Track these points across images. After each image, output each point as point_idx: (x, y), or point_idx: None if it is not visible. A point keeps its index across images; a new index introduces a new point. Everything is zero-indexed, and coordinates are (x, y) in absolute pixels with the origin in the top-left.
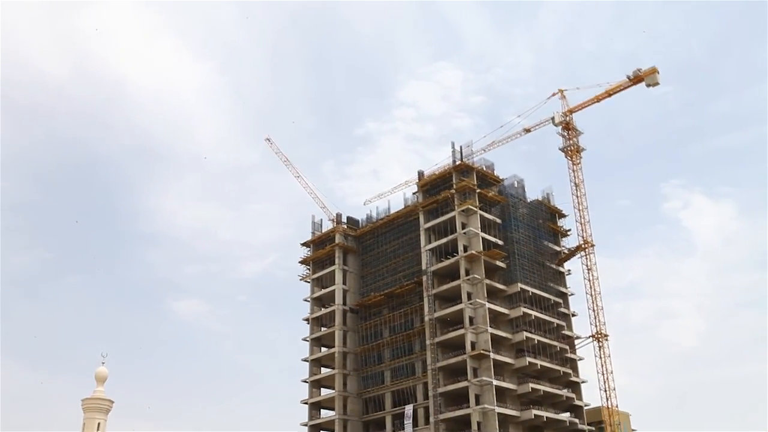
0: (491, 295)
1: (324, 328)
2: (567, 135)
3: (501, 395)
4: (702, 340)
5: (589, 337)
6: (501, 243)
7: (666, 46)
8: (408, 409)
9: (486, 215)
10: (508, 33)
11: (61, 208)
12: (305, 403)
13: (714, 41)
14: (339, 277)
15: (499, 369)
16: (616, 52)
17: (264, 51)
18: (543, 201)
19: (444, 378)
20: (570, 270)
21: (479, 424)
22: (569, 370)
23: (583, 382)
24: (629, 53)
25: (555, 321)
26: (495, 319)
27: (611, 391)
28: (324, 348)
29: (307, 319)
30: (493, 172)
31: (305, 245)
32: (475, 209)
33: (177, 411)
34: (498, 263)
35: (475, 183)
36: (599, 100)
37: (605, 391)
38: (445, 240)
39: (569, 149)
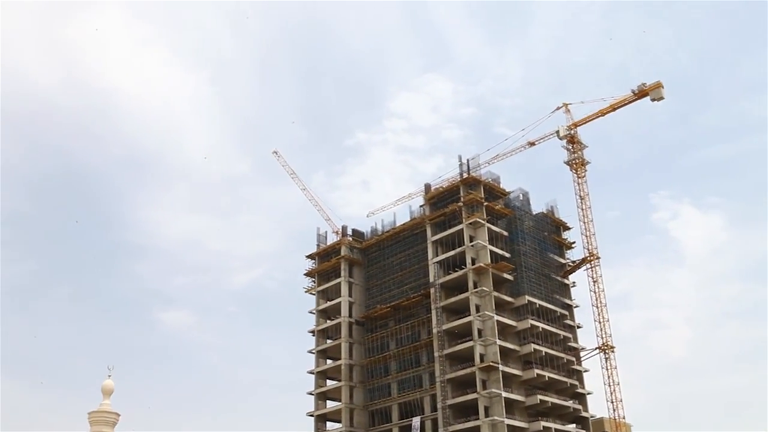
0: (499, 308)
1: (329, 340)
2: (572, 148)
3: (509, 407)
4: (691, 350)
5: (596, 349)
6: (508, 256)
7: (655, 58)
8: (416, 422)
9: (493, 228)
10: (498, 45)
11: (50, 218)
12: (311, 416)
13: (702, 54)
14: (345, 290)
15: (507, 381)
16: (605, 64)
17: (255, 62)
18: (548, 214)
19: (452, 390)
20: (575, 282)
21: None
22: (576, 381)
23: (589, 393)
24: (619, 65)
25: (561, 333)
26: (503, 331)
27: (618, 402)
28: (329, 360)
29: (313, 331)
30: (499, 185)
31: (310, 257)
32: (483, 222)
33: (170, 424)
34: (505, 276)
35: (483, 196)
36: (603, 114)
37: (612, 402)
38: (453, 253)
39: (574, 162)
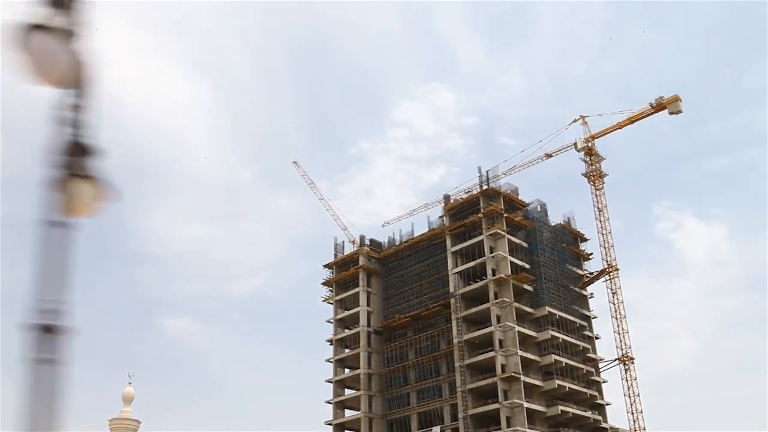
0: (519, 318)
1: (347, 349)
2: (589, 161)
3: (530, 417)
4: (694, 361)
5: (616, 360)
6: (528, 267)
7: (655, 69)
8: (435, 431)
9: (513, 239)
10: (501, 56)
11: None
12: (329, 425)
13: (703, 65)
14: (363, 299)
15: (528, 391)
16: (605, 75)
17: (257, 70)
18: (565, 225)
19: (473, 400)
20: (593, 293)
21: None
22: (595, 392)
23: (608, 404)
24: (619, 76)
25: (581, 344)
26: (523, 342)
27: (638, 414)
28: (347, 369)
29: (330, 341)
30: (518, 196)
31: (327, 267)
32: (503, 233)
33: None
34: (525, 287)
35: (502, 207)
36: (621, 126)
37: (632, 414)
38: (473, 263)
39: (592, 174)
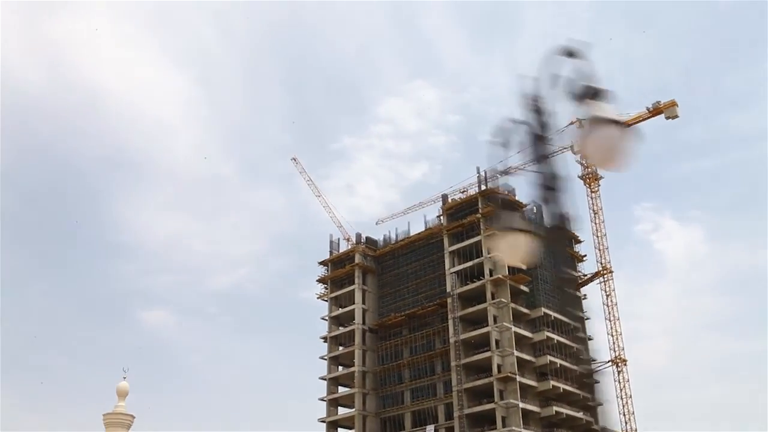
0: (515, 319)
1: (341, 347)
2: (585, 163)
3: (525, 417)
4: (670, 362)
5: (609, 362)
6: (524, 267)
7: (639, 71)
8: (429, 429)
9: None
10: (485, 54)
11: (31, 215)
12: (323, 422)
13: (686, 69)
14: (359, 297)
15: (523, 392)
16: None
17: (242, 64)
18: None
19: (468, 399)
20: (586, 295)
21: None
22: (588, 393)
23: (599, 405)
24: (605, 76)
25: (574, 345)
26: (519, 343)
27: (630, 415)
28: (341, 367)
29: (325, 338)
30: (515, 197)
31: (323, 264)
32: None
33: (167, 425)
34: (522, 287)
35: (501, 209)
36: None
37: (624, 415)
38: (471, 263)
39: (587, 177)
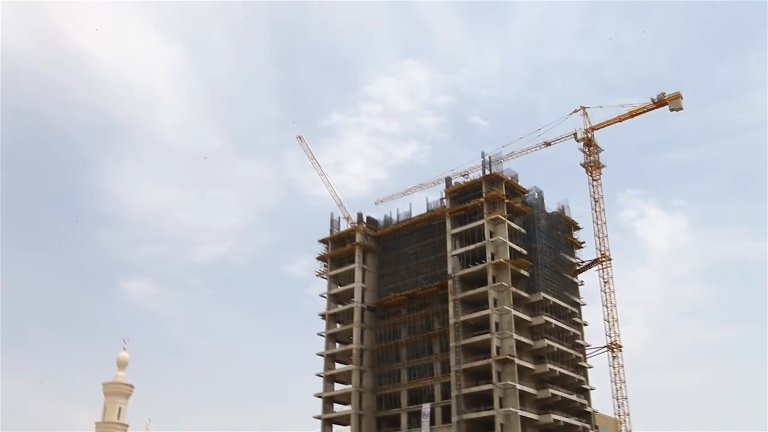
0: (515, 303)
1: (339, 324)
2: (588, 151)
3: (521, 399)
4: (646, 348)
5: (605, 347)
6: (525, 252)
7: (630, 58)
8: (425, 408)
9: (513, 225)
10: (478, 36)
11: (16, 183)
12: (319, 397)
13: (677, 58)
14: (358, 276)
15: (520, 374)
16: (580, 62)
17: (233, 37)
18: (560, 213)
19: (465, 380)
20: (583, 281)
21: (502, 425)
22: (582, 377)
23: (592, 389)
24: (594, 63)
25: (571, 330)
26: (517, 326)
27: (623, 399)
28: (338, 344)
29: (323, 315)
30: (518, 182)
31: (323, 242)
32: (504, 219)
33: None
34: (522, 272)
35: (504, 193)
36: (622, 120)
37: (617, 399)
38: (473, 247)
39: (590, 165)
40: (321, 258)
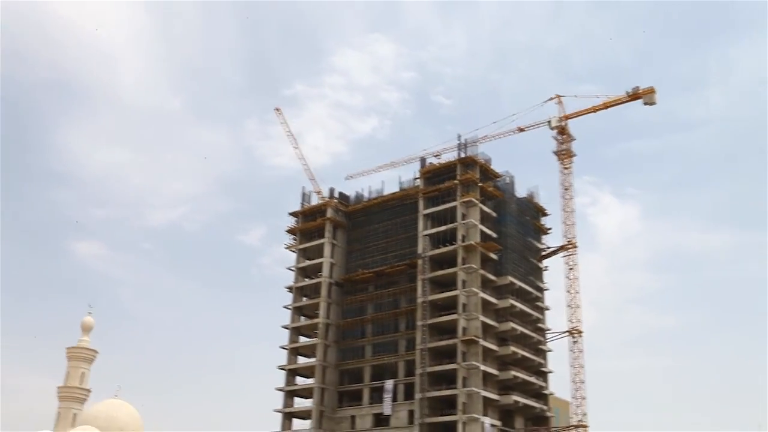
0: (482, 285)
1: (305, 298)
2: (561, 139)
3: (484, 379)
4: (590, 332)
5: (566, 332)
6: (495, 236)
7: (594, 46)
8: (388, 384)
9: (484, 208)
10: (446, 14)
11: None
12: (283, 369)
13: (640, 49)
14: (328, 251)
15: (484, 355)
16: (546, 46)
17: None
18: (529, 199)
19: (430, 359)
20: (547, 266)
21: (464, 404)
22: (542, 360)
23: (551, 372)
24: (559, 48)
25: (534, 314)
26: (484, 307)
27: (580, 383)
28: (303, 317)
29: (290, 288)
30: (491, 167)
31: (293, 215)
32: (477, 202)
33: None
34: (491, 255)
35: (478, 177)
36: (596, 110)
37: (575, 383)
38: (444, 228)
39: (561, 153)
40: (290, 231)
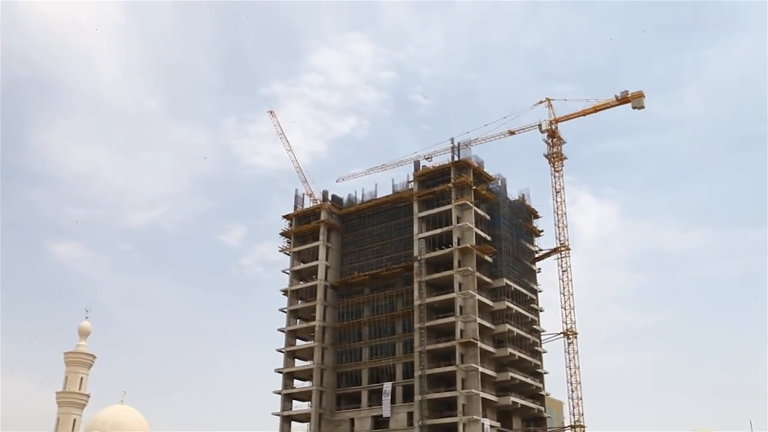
0: (478, 287)
1: (300, 301)
2: (551, 143)
3: (482, 381)
4: (556, 330)
5: (560, 334)
6: (489, 239)
7: (571, 46)
8: (387, 386)
9: (479, 211)
10: (423, 14)
11: None
12: (280, 372)
13: (615, 49)
14: (323, 253)
15: (482, 357)
16: (522, 46)
17: None
18: (521, 201)
19: (428, 361)
20: (540, 268)
21: (464, 406)
22: (538, 361)
23: (546, 373)
24: (535, 49)
25: (529, 316)
26: (480, 310)
27: (577, 384)
28: (300, 321)
29: (286, 291)
30: (484, 169)
31: (287, 218)
32: (471, 205)
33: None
34: (486, 257)
35: (472, 180)
36: (585, 114)
37: (571, 384)
38: (440, 231)
39: (552, 156)
40: (284, 234)
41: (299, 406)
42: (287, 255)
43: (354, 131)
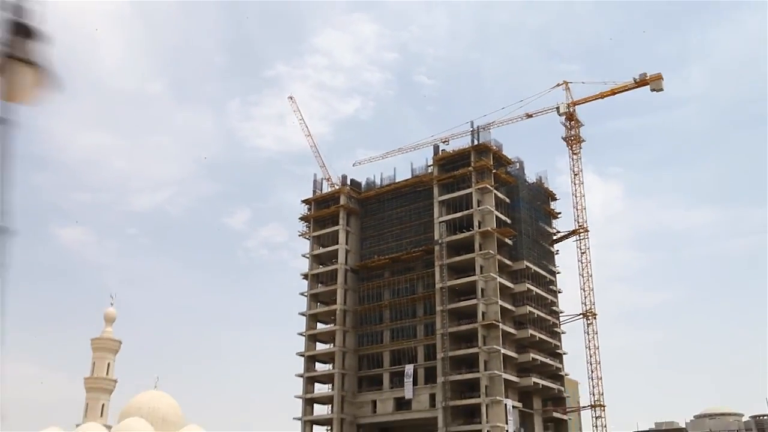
0: (499, 270)
1: (320, 285)
2: (569, 125)
3: (504, 362)
4: (573, 310)
5: (580, 314)
6: (509, 222)
7: (576, 26)
8: (409, 369)
9: (499, 194)
10: None
11: None
12: (302, 356)
13: (621, 28)
14: (342, 238)
15: (503, 338)
16: (527, 25)
17: None
18: (539, 184)
19: (450, 343)
20: (558, 250)
21: (486, 387)
22: (557, 342)
23: (565, 353)
24: (540, 28)
25: (549, 297)
26: (501, 292)
27: (597, 365)
28: (320, 304)
29: (306, 275)
30: (503, 153)
31: (306, 203)
32: (491, 188)
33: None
34: (506, 240)
35: (492, 164)
36: (603, 96)
37: (590, 364)
38: (461, 214)
39: (570, 139)
40: (303, 218)
41: (321, 388)
42: (306, 239)
43: (358, 112)
